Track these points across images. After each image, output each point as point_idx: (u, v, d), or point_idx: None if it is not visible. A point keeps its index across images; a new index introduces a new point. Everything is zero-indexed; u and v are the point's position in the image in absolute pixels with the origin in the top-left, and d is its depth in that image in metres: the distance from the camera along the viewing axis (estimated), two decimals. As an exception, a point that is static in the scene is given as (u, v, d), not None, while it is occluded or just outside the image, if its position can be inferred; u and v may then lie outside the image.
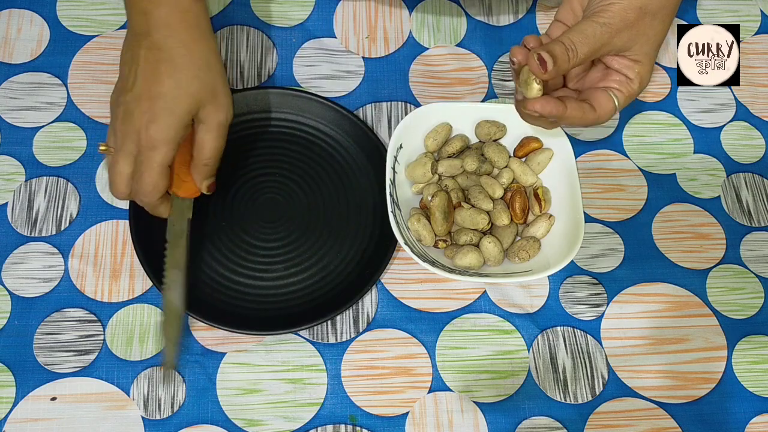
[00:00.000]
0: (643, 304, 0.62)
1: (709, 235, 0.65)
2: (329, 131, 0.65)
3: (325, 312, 0.57)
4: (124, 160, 0.53)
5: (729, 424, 0.58)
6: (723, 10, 0.76)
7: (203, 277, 0.59)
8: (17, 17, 0.68)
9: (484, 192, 0.60)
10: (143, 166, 0.52)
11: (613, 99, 0.52)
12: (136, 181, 0.53)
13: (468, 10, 0.73)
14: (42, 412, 0.55)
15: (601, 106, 0.52)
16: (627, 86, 0.52)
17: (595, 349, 0.60)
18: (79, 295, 0.58)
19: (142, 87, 0.52)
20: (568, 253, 0.56)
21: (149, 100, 0.52)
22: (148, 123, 0.52)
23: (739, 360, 0.61)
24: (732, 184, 0.67)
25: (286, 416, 0.56)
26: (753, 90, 0.72)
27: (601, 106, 0.52)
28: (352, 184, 0.64)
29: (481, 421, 0.57)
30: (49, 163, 0.63)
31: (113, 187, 0.54)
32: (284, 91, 0.65)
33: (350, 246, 0.61)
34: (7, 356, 0.56)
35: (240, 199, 0.62)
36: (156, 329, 0.58)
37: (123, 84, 0.54)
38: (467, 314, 0.60)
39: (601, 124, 0.53)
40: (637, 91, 0.53)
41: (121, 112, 0.53)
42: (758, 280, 0.64)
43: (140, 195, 0.54)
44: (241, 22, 0.70)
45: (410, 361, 0.58)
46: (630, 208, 0.66)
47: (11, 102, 0.65)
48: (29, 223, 0.60)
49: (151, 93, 0.52)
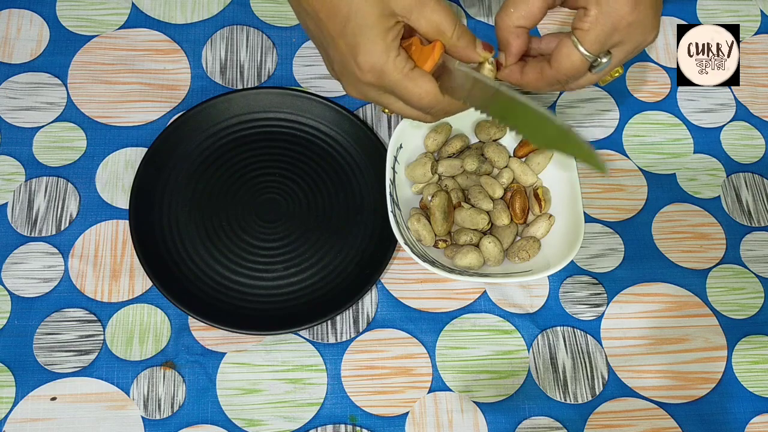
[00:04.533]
0: (643, 304, 0.62)
1: (709, 235, 0.65)
2: (329, 131, 0.65)
3: (325, 312, 0.57)
4: (393, 104, 0.49)
5: (729, 424, 0.58)
6: (723, 10, 0.76)
7: (203, 277, 0.59)
8: (17, 17, 0.68)
9: (484, 192, 0.60)
10: (397, 92, 0.48)
11: (575, 42, 0.47)
12: (410, 108, 0.49)
13: (468, 10, 0.73)
14: (42, 412, 0.55)
15: (556, 56, 0.48)
16: (585, 18, 0.46)
17: (595, 349, 0.60)
18: (79, 295, 0.58)
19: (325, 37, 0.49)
20: (568, 253, 0.56)
21: (341, 39, 0.47)
22: (356, 55, 0.47)
23: (739, 360, 0.61)
24: (732, 184, 0.67)
25: (286, 416, 0.56)
26: (753, 90, 0.72)
27: (556, 56, 0.48)
28: (352, 184, 0.64)
29: (481, 421, 0.57)
30: (49, 163, 0.63)
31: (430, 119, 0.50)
32: (284, 91, 0.65)
33: (350, 246, 0.61)
34: (7, 356, 0.56)
35: (240, 199, 0.62)
36: (156, 329, 0.58)
37: (321, 48, 0.51)
38: (467, 314, 0.60)
39: (571, 77, 0.49)
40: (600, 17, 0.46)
41: (339, 73, 0.50)
42: (758, 280, 0.64)
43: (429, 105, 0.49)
44: (241, 22, 0.70)
45: (410, 361, 0.58)
46: (630, 208, 0.66)
47: (11, 102, 0.65)
48: (29, 223, 0.60)
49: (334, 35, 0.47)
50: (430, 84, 0.47)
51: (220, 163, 0.63)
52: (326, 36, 0.48)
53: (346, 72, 0.49)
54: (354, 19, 0.46)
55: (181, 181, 0.62)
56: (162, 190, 0.62)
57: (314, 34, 0.50)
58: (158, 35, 0.68)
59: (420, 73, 0.47)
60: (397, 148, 0.60)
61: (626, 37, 0.48)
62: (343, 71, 0.49)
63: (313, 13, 0.48)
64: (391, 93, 0.48)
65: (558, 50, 0.48)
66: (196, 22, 0.69)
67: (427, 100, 0.48)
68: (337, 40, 0.47)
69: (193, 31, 0.69)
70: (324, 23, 0.48)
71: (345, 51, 0.47)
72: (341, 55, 0.48)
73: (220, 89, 0.67)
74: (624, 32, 0.47)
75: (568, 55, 0.48)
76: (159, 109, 0.65)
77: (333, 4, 0.46)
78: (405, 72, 0.47)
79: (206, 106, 0.64)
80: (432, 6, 0.46)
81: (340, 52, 0.48)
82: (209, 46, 0.68)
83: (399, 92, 0.48)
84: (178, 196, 0.62)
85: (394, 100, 0.49)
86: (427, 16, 0.46)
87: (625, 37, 0.48)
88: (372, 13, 0.45)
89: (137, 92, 0.66)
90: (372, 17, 0.45)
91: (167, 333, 0.58)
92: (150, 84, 0.66)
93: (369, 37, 0.46)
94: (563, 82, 0.50)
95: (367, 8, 0.45)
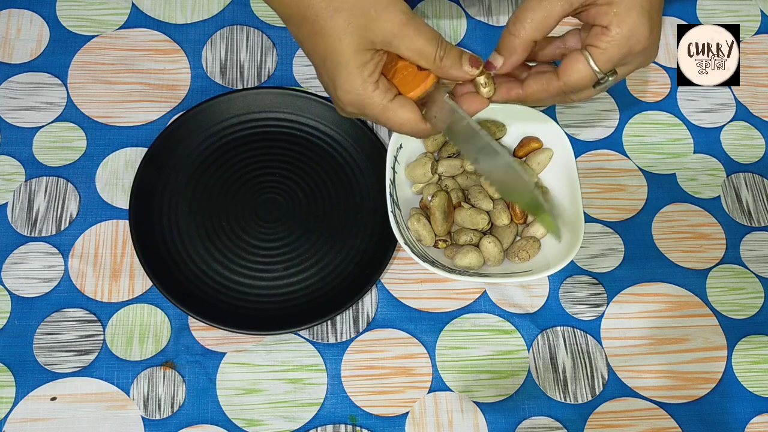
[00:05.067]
0: (643, 304, 0.62)
1: (709, 235, 0.65)
2: (329, 131, 0.65)
3: (325, 312, 0.57)
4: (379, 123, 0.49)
5: (729, 424, 0.58)
6: (723, 10, 0.76)
7: (203, 277, 0.59)
8: (17, 17, 0.68)
9: (484, 192, 0.60)
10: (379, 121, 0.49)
11: (587, 58, 0.47)
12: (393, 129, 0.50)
13: (468, 10, 0.73)
14: (42, 412, 0.55)
15: (568, 70, 0.48)
16: (604, 37, 0.46)
17: (595, 349, 0.60)
18: (79, 295, 0.58)
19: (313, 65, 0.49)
20: (568, 253, 0.56)
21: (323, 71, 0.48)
22: (335, 90, 0.48)
23: (739, 360, 0.61)
24: (732, 184, 0.67)
25: (286, 416, 0.56)
26: (753, 90, 0.72)
27: (567, 70, 0.48)
28: (352, 184, 0.64)
29: (481, 421, 0.57)
30: (49, 163, 0.63)
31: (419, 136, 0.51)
32: (284, 91, 0.65)
33: (350, 246, 0.61)
34: (7, 356, 0.56)
35: (240, 199, 0.62)
36: (156, 329, 0.58)
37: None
38: (467, 314, 0.60)
39: (578, 89, 0.49)
40: (620, 39, 0.46)
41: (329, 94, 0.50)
42: (758, 280, 0.64)
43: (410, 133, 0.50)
44: (241, 22, 0.70)
45: (410, 361, 0.58)
46: (630, 208, 0.66)
47: (11, 102, 0.65)
48: (29, 223, 0.60)
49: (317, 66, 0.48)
50: (410, 113, 0.48)
51: (220, 163, 0.63)
52: (313, 64, 0.49)
53: (332, 99, 0.50)
54: (330, 57, 0.46)
55: (181, 181, 0.62)
56: (162, 190, 0.62)
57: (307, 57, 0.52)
58: (158, 35, 0.68)
59: (400, 104, 0.48)
60: (397, 148, 0.60)
61: (635, 59, 0.48)
62: (331, 97, 0.50)
63: (300, 42, 0.49)
64: (375, 120, 0.50)
65: (569, 64, 0.48)
66: (196, 22, 0.69)
67: (408, 128, 0.49)
68: (320, 70, 0.49)
69: (193, 31, 0.69)
70: (309, 53, 0.49)
71: (327, 83, 0.49)
72: (325, 85, 0.49)
73: (220, 89, 0.67)
74: (635, 55, 0.48)
75: (579, 71, 0.48)
76: (159, 109, 0.65)
77: (312, 40, 0.47)
78: (384, 104, 0.48)
79: (206, 106, 0.64)
80: (411, 35, 0.46)
81: (324, 83, 0.49)
82: (209, 46, 0.68)
83: (381, 122, 0.49)
84: (178, 196, 0.62)
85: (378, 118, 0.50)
86: (407, 44, 0.46)
87: (635, 59, 0.48)
88: (347, 51, 0.46)
89: (137, 92, 0.66)
90: (347, 54, 0.46)
91: (167, 333, 0.58)
92: (150, 84, 0.66)
93: (343, 75, 0.47)
94: (568, 94, 0.50)
95: (342, 47, 0.46)
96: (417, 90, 0.48)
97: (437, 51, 0.47)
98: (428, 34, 0.47)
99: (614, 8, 0.46)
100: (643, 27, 0.46)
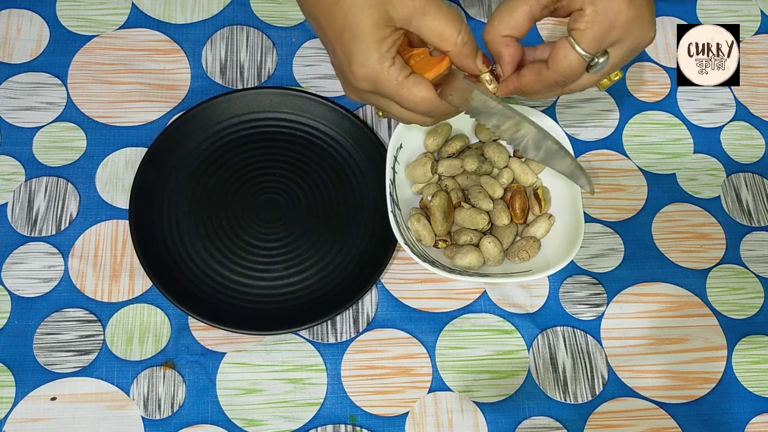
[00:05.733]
0: (643, 304, 0.62)
1: (709, 235, 0.65)
2: (329, 131, 0.65)
3: (325, 312, 0.57)
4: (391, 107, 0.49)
5: (729, 424, 0.58)
6: (723, 10, 0.76)
7: (203, 277, 0.59)
8: (17, 17, 0.68)
9: (484, 192, 0.60)
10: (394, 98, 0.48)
11: (571, 43, 0.47)
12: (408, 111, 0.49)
13: (468, 11, 0.73)
14: (42, 412, 0.55)
15: (554, 57, 0.48)
16: (581, 19, 0.46)
17: (595, 349, 0.60)
18: (79, 295, 0.58)
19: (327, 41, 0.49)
20: (568, 253, 0.56)
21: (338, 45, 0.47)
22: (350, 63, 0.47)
23: (739, 360, 0.61)
24: (732, 184, 0.67)
25: (286, 416, 0.56)
26: (753, 90, 0.72)
27: (554, 57, 0.48)
28: (352, 184, 0.64)
29: (481, 421, 0.57)
30: (49, 163, 0.63)
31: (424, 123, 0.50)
32: (284, 91, 0.65)
33: (350, 246, 0.61)
34: (7, 356, 0.56)
35: (240, 199, 0.62)
36: (156, 329, 0.58)
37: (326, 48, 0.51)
38: (467, 314, 0.60)
39: (568, 77, 0.49)
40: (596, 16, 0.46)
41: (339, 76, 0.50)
42: (758, 280, 0.64)
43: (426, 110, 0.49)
44: (241, 22, 0.70)
45: (410, 361, 0.58)
46: (630, 208, 0.66)
47: (11, 102, 0.65)
48: (29, 223, 0.60)
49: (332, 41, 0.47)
50: (426, 91, 0.48)
51: (220, 163, 0.63)
52: (327, 40, 0.48)
53: (343, 77, 0.49)
54: (349, 29, 0.46)
55: (181, 181, 0.62)
56: (162, 190, 0.62)
57: (319, 36, 0.51)
58: (158, 35, 0.68)
59: (415, 81, 0.47)
60: (397, 148, 0.60)
61: (623, 35, 0.48)
62: (341, 75, 0.50)
63: (315, 18, 0.48)
64: (388, 98, 0.49)
65: (555, 51, 0.48)
66: (196, 22, 0.69)
67: (423, 106, 0.48)
68: (335, 45, 0.48)
69: (193, 31, 0.69)
70: (324, 28, 0.48)
71: (342, 58, 0.47)
72: (339, 61, 0.48)
73: (220, 89, 0.67)
74: (621, 30, 0.47)
75: (566, 56, 0.48)
76: (159, 109, 0.65)
77: (331, 12, 0.46)
78: (400, 80, 0.47)
79: (206, 106, 0.64)
80: (433, 13, 0.45)
81: (337, 58, 0.48)
82: (209, 46, 0.68)
83: (395, 99, 0.48)
84: (178, 196, 0.62)
85: (393, 104, 0.49)
86: (428, 23, 0.46)
87: (623, 35, 0.48)
88: (367, 23, 0.45)
89: (137, 92, 0.66)
90: (366, 27, 0.45)
91: (167, 333, 0.58)
92: (150, 84, 0.66)
93: (362, 48, 0.46)
94: (561, 83, 0.50)
95: (363, 18, 0.45)
96: (432, 71, 0.48)
97: (460, 34, 0.46)
98: (451, 14, 0.46)
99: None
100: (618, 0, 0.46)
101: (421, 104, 0.48)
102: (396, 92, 0.47)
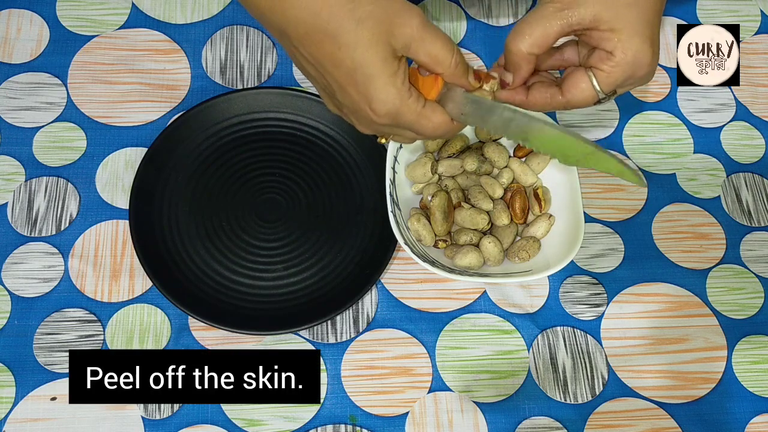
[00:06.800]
0: (643, 304, 0.62)
1: (709, 235, 0.65)
2: (329, 131, 0.65)
3: (325, 312, 0.57)
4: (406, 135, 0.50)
5: (729, 424, 0.58)
6: (723, 10, 0.76)
7: (203, 277, 0.59)
8: (17, 17, 0.68)
9: (484, 192, 0.60)
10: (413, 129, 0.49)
11: (591, 79, 0.49)
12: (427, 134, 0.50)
13: (468, 11, 0.73)
14: (42, 412, 0.55)
15: (572, 88, 0.49)
16: (608, 62, 0.48)
17: (595, 349, 0.60)
18: (79, 295, 0.58)
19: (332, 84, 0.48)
20: (568, 253, 0.56)
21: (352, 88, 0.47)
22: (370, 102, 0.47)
23: (739, 360, 0.61)
24: (732, 184, 0.67)
25: (286, 416, 0.56)
26: (753, 90, 0.72)
27: (571, 88, 0.49)
28: (352, 184, 0.64)
29: (481, 421, 0.57)
30: (49, 163, 0.63)
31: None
32: (284, 91, 0.65)
33: (350, 246, 0.61)
34: (7, 356, 0.56)
35: (240, 199, 0.62)
36: (156, 329, 0.58)
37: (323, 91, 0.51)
38: (467, 314, 0.60)
39: (580, 107, 0.51)
40: (624, 65, 0.48)
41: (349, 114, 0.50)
42: (758, 280, 0.64)
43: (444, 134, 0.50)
44: (241, 22, 0.70)
45: (410, 361, 0.58)
46: (630, 208, 0.66)
47: (11, 102, 0.65)
48: (29, 223, 0.60)
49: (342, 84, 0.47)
50: (443, 116, 0.48)
51: (220, 163, 0.64)
52: (333, 83, 0.48)
53: (359, 115, 0.49)
54: (360, 70, 0.45)
55: (181, 181, 0.62)
56: (162, 190, 0.62)
57: (316, 79, 0.50)
58: (158, 35, 0.68)
59: (432, 108, 0.48)
60: (397, 148, 0.60)
61: (635, 82, 0.50)
62: (355, 114, 0.49)
63: (315, 62, 0.47)
64: (407, 129, 0.49)
65: (573, 83, 0.49)
66: (196, 22, 0.69)
67: (442, 130, 0.49)
68: (346, 88, 0.47)
69: (193, 31, 0.69)
70: (329, 72, 0.47)
71: (357, 99, 0.47)
72: (353, 102, 0.48)
73: (220, 89, 0.67)
74: (638, 79, 0.49)
75: (583, 90, 0.49)
76: (159, 109, 0.65)
77: (336, 56, 0.46)
78: (419, 111, 0.47)
79: (206, 106, 0.64)
80: (429, 39, 0.46)
81: (351, 99, 0.48)
82: (209, 46, 0.68)
83: (415, 128, 0.49)
84: (178, 196, 0.62)
85: (408, 133, 0.50)
86: (425, 49, 0.46)
87: (635, 82, 0.50)
88: (375, 61, 0.45)
89: (137, 92, 0.66)
90: (377, 66, 0.45)
91: (167, 333, 0.58)
92: (150, 84, 0.66)
93: (379, 86, 0.46)
94: (567, 108, 0.51)
95: (371, 56, 0.45)
96: (433, 91, 0.48)
97: (453, 57, 0.47)
98: (444, 38, 0.47)
99: (617, 35, 0.47)
100: (645, 54, 0.48)
101: (440, 128, 0.49)
102: (417, 122, 0.48)
